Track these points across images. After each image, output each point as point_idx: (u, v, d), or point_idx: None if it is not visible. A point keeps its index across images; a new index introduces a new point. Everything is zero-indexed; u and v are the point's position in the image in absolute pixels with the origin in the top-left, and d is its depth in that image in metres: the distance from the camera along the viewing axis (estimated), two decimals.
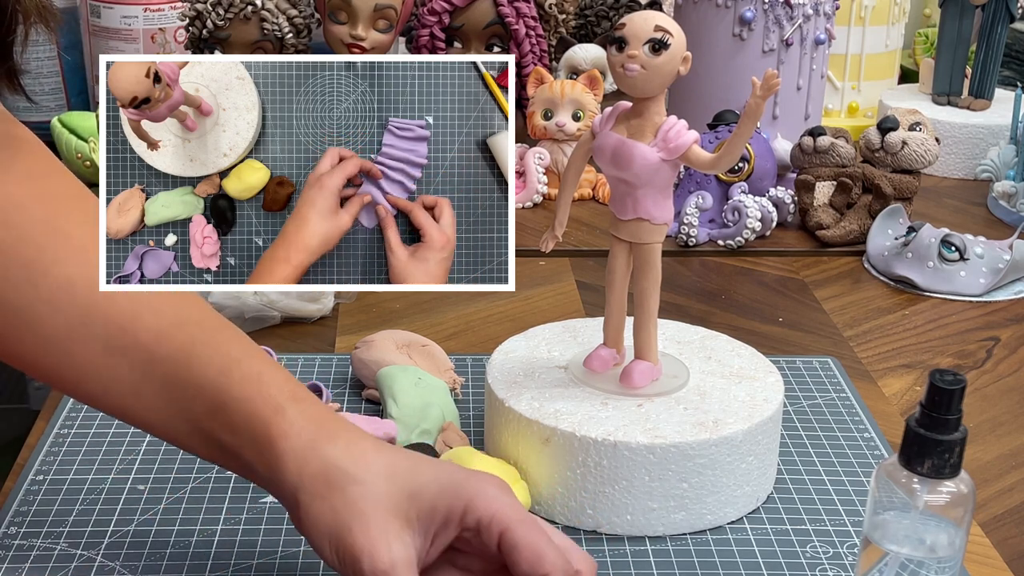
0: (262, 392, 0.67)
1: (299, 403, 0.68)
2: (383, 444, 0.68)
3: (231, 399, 0.68)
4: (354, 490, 0.64)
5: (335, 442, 0.66)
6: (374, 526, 0.63)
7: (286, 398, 0.67)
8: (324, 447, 0.66)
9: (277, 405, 0.67)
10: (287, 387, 0.68)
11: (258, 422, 0.67)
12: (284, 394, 0.68)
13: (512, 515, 0.65)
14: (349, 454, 0.66)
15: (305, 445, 0.66)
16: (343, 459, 0.65)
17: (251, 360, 0.69)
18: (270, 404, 0.67)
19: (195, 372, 0.69)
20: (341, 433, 0.67)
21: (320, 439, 0.66)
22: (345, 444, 0.66)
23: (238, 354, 0.69)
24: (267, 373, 0.69)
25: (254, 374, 0.68)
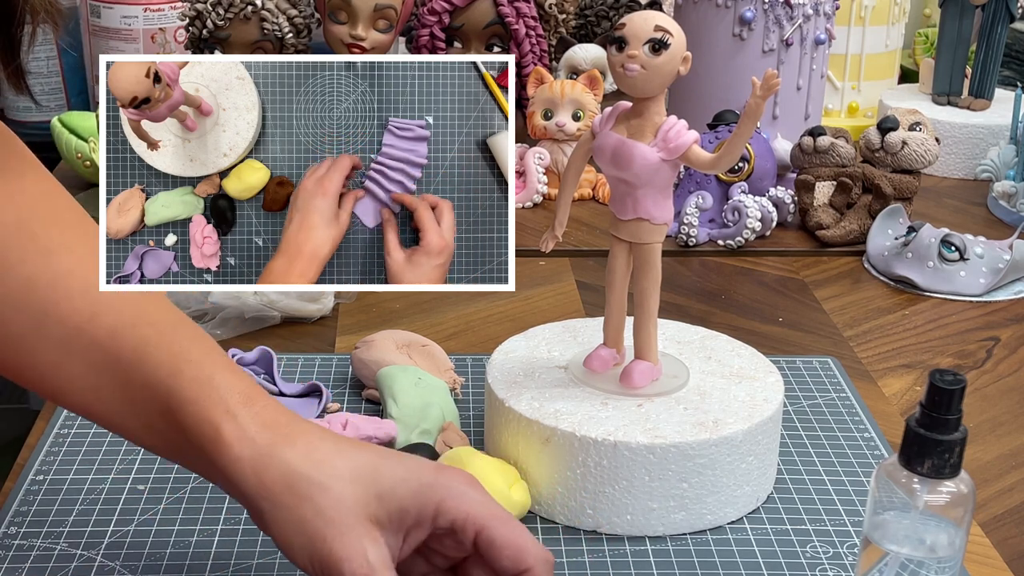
0: (211, 395, 0.66)
1: (251, 406, 0.66)
2: (344, 443, 0.67)
3: (181, 401, 0.66)
4: (321, 498, 0.63)
5: (293, 446, 0.65)
6: (348, 532, 0.63)
7: (237, 402, 0.66)
8: (282, 452, 0.64)
9: (227, 409, 0.65)
10: (239, 389, 0.67)
11: (207, 426, 0.65)
12: (235, 397, 0.66)
13: (485, 512, 0.64)
14: (310, 459, 0.64)
15: (261, 451, 0.64)
16: (304, 465, 0.64)
17: (204, 362, 0.68)
18: (219, 408, 0.65)
19: (147, 373, 0.68)
20: (299, 437, 0.65)
21: (277, 444, 0.65)
22: (304, 448, 0.65)
23: (192, 355, 0.68)
24: (219, 376, 0.67)
25: (204, 377, 0.67)
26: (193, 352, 0.68)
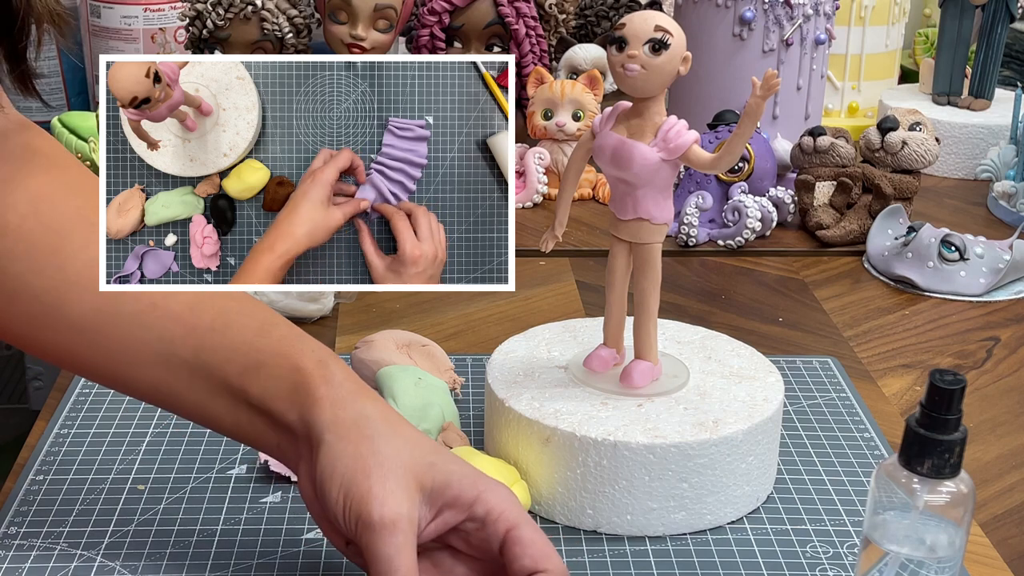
0: (303, 348, 0.70)
1: (339, 363, 0.70)
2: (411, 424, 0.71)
3: (271, 355, 0.70)
4: (383, 443, 0.67)
5: (374, 402, 0.69)
6: (392, 478, 0.65)
7: (327, 355, 0.70)
8: (363, 402, 0.68)
9: (319, 359, 0.70)
10: (328, 352, 0.71)
11: (300, 373, 0.69)
12: (325, 352, 0.71)
13: (519, 514, 0.67)
14: (384, 414, 0.68)
15: (345, 395, 0.68)
16: (378, 416, 0.68)
17: (290, 328, 0.72)
18: (312, 358, 0.70)
19: (232, 336, 0.71)
20: (378, 400, 0.70)
21: (360, 394, 0.69)
22: (382, 407, 0.69)
23: (278, 321, 0.73)
24: (304, 337, 0.72)
25: (294, 335, 0.71)
26: (279, 321, 0.73)
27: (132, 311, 0.72)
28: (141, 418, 0.89)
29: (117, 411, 0.90)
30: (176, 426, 0.88)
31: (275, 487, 0.81)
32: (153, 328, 0.72)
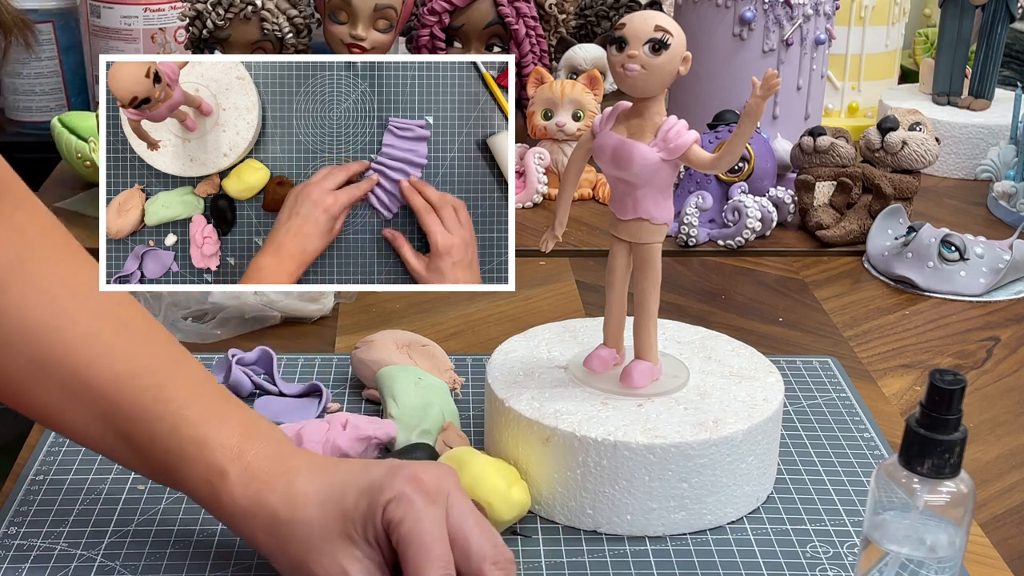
0: (206, 457, 0.69)
1: (242, 459, 0.69)
2: (317, 468, 0.70)
3: (180, 459, 0.70)
4: (300, 531, 0.67)
5: (275, 491, 0.68)
6: (325, 555, 0.66)
7: (229, 459, 0.69)
8: (267, 500, 0.68)
9: (220, 470, 0.69)
10: (231, 444, 0.70)
11: (205, 485, 0.69)
12: (227, 455, 0.69)
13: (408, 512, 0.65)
14: (287, 499, 0.68)
15: (250, 504, 0.68)
16: (283, 509, 0.68)
17: (199, 419, 0.70)
18: (214, 470, 0.69)
19: (148, 427, 0.70)
20: (279, 479, 0.69)
21: (262, 492, 0.68)
22: (284, 489, 0.68)
23: (189, 411, 0.70)
24: (213, 433, 0.70)
25: (200, 437, 0.70)
26: (191, 407, 0.70)
27: (60, 379, 0.71)
28: None
29: None
30: None
31: None
32: (82, 401, 0.71)
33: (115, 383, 0.70)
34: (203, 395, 0.72)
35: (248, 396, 0.92)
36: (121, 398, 0.70)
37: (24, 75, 1.65)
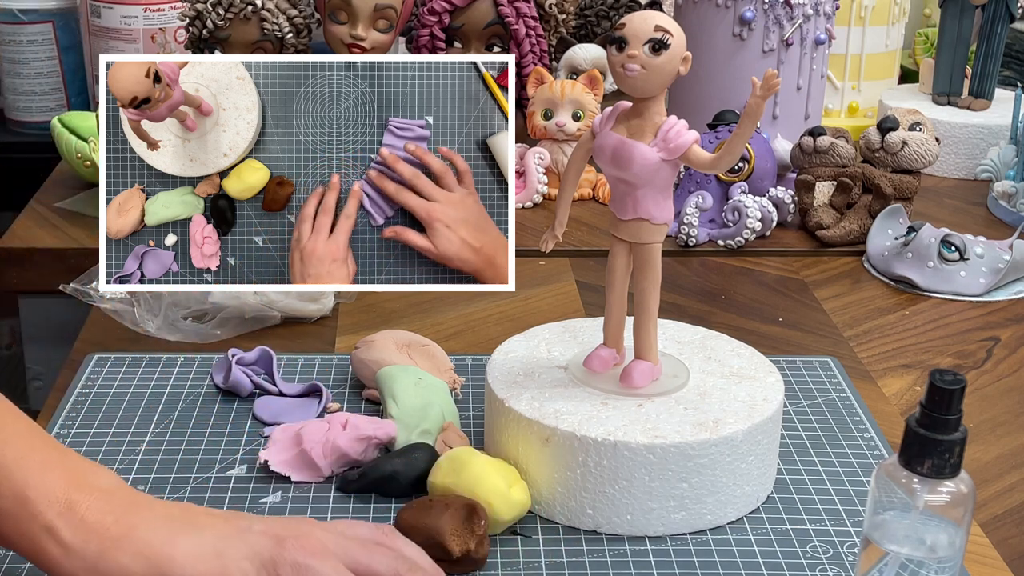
0: (29, 511, 0.63)
1: (72, 514, 0.63)
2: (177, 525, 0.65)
3: (4, 517, 0.63)
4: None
5: (123, 550, 0.63)
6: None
7: (56, 513, 0.63)
8: (116, 558, 0.63)
9: (45, 525, 0.63)
10: (57, 496, 0.63)
11: (31, 543, 0.63)
12: (53, 508, 0.63)
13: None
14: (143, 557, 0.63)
15: (92, 562, 0.63)
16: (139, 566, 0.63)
17: (17, 468, 0.64)
18: (37, 525, 0.63)
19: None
20: (126, 537, 0.63)
21: (107, 550, 0.63)
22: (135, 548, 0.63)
23: (4, 459, 0.64)
24: (34, 484, 0.63)
25: (18, 489, 0.63)
26: (7, 454, 0.64)
27: None
28: (141, 418, 0.89)
29: (117, 411, 0.90)
30: (176, 426, 0.88)
31: (275, 487, 0.81)
32: None
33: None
34: (21, 443, 0.65)
35: (248, 396, 0.92)
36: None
37: (24, 75, 1.65)
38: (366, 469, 0.80)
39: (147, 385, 0.93)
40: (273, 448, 0.83)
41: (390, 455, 0.81)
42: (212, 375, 0.94)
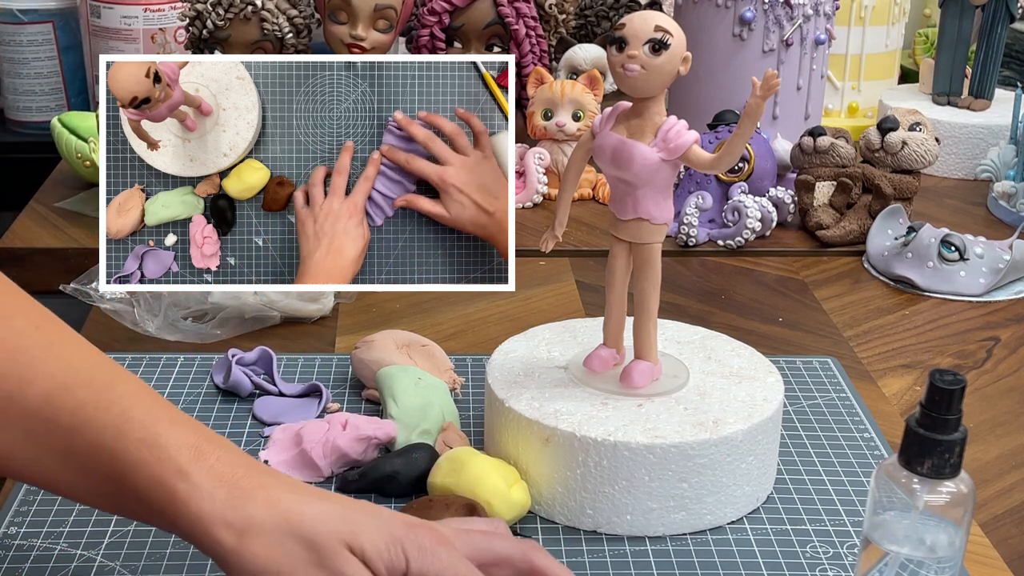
0: (160, 456, 0.63)
1: (203, 460, 0.63)
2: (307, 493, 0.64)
3: (129, 465, 0.63)
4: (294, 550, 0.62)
5: (254, 500, 0.63)
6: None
7: (188, 459, 0.63)
8: (245, 507, 0.62)
9: (178, 468, 0.63)
10: (188, 444, 0.64)
11: (161, 488, 0.63)
12: (185, 454, 0.63)
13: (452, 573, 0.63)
14: (275, 511, 0.63)
15: (221, 507, 0.62)
16: (269, 518, 0.62)
17: (147, 420, 0.64)
18: (170, 468, 0.63)
19: (89, 438, 0.64)
20: (258, 491, 0.63)
21: (236, 498, 0.62)
22: (266, 501, 0.63)
23: (134, 413, 0.64)
24: (165, 433, 0.63)
25: (150, 437, 0.63)
26: (135, 410, 0.64)
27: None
28: None
29: None
30: None
31: None
32: (14, 423, 0.65)
33: (49, 398, 0.64)
34: (148, 400, 0.66)
35: (248, 396, 0.92)
36: (59, 410, 0.64)
37: (24, 75, 1.65)
38: (366, 469, 0.80)
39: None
40: (273, 448, 0.83)
41: (390, 455, 0.81)
42: (212, 375, 0.94)
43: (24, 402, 0.64)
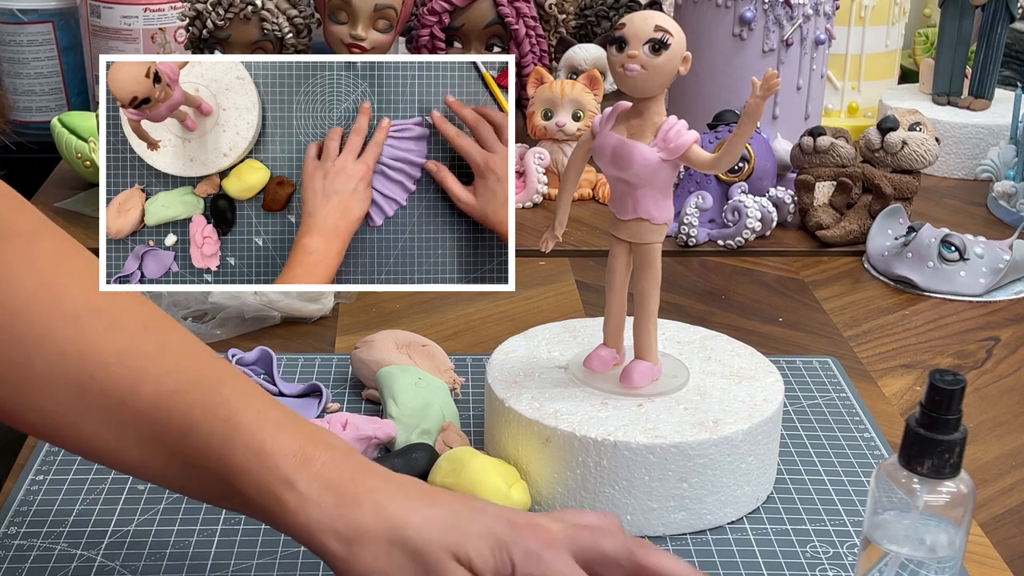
0: (266, 465, 0.63)
1: (309, 467, 0.64)
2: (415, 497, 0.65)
3: (237, 472, 0.64)
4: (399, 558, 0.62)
5: (360, 507, 0.63)
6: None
7: (293, 467, 0.63)
8: (351, 515, 0.63)
9: (284, 478, 0.63)
10: (293, 451, 0.64)
11: (268, 496, 0.63)
12: (290, 462, 0.64)
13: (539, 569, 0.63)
14: (381, 518, 0.63)
15: (327, 514, 0.63)
16: (375, 526, 0.63)
17: (254, 426, 0.65)
18: (276, 478, 0.63)
19: (199, 443, 0.65)
20: (364, 496, 0.63)
21: (342, 506, 0.63)
22: (372, 508, 0.63)
23: (242, 418, 0.65)
24: (271, 440, 0.64)
25: (256, 444, 0.64)
26: (243, 414, 0.65)
27: (102, 408, 0.65)
28: None
29: None
30: None
31: None
32: (127, 428, 0.66)
33: (158, 403, 0.65)
34: (255, 403, 0.66)
35: None
36: (169, 416, 0.65)
37: (24, 75, 1.65)
38: None
39: None
40: None
41: (390, 455, 0.81)
42: None
43: (136, 405, 0.65)
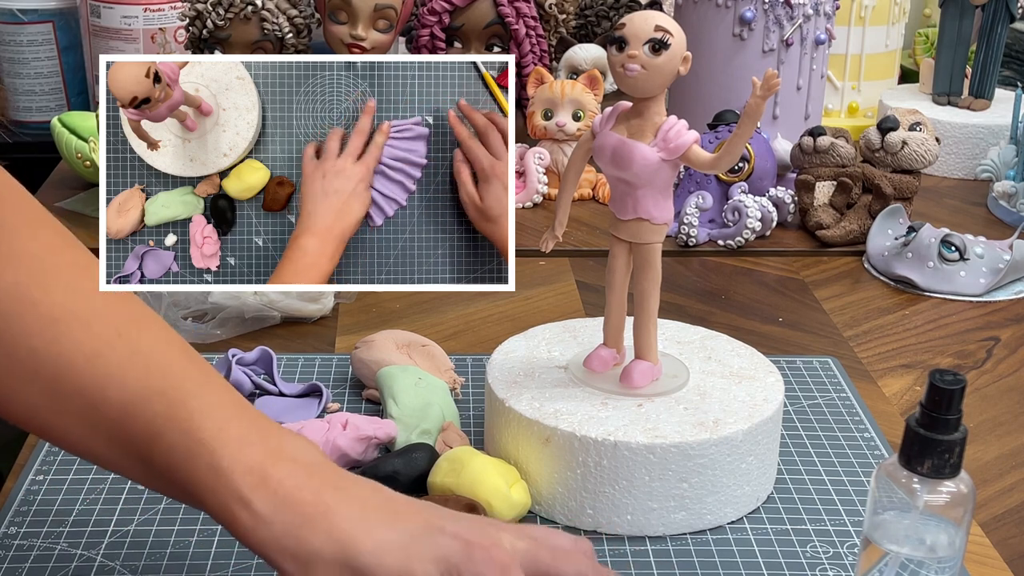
0: (226, 484, 0.63)
1: (265, 486, 0.63)
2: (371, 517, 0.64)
3: (198, 487, 0.64)
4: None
5: (313, 528, 0.63)
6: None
7: (250, 486, 0.63)
8: (304, 535, 0.62)
9: (239, 497, 0.63)
10: (251, 467, 0.64)
11: (226, 513, 0.63)
12: (248, 481, 0.63)
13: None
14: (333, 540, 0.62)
15: (283, 533, 0.62)
16: (327, 548, 0.62)
17: (215, 442, 0.64)
18: (233, 497, 0.63)
19: (163, 454, 0.64)
20: (319, 518, 0.63)
21: (296, 525, 0.63)
22: (326, 528, 0.63)
23: (203, 433, 0.64)
24: (229, 456, 0.64)
25: (216, 463, 0.63)
26: (204, 430, 0.64)
27: (74, 409, 0.65)
28: None
29: None
30: None
31: None
32: (100, 429, 0.65)
33: (125, 410, 0.65)
34: (219, 416, 0.65)
35: (248, 396, 0.92)
36: (134, 424, 0.65)
37: (24, 75, 1.65)
38: (366, 469, 0.80)
39: None
40: None
41: (390, 455, 0.81)
42: None
43: (106, 409, 0.65)
